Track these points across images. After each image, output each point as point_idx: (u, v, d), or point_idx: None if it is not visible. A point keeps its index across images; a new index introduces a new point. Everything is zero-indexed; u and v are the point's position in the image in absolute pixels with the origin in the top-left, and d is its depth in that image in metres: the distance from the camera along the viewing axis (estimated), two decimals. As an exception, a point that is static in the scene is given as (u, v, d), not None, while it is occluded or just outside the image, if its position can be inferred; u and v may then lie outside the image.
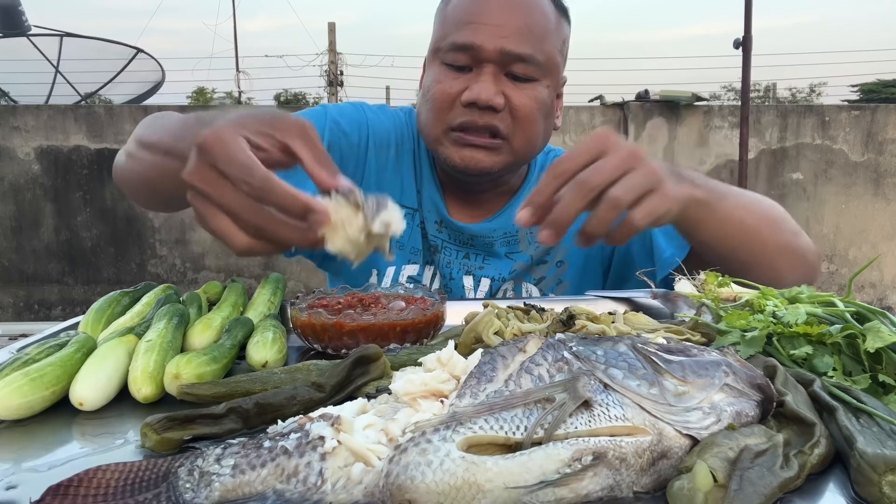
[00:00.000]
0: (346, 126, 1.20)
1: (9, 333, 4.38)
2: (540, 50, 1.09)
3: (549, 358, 0.50)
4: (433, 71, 1.13)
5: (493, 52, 1.06)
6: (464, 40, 1.07)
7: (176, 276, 5.42)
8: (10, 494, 0.46)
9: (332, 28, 11.15)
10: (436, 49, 1.13)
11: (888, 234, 5.42)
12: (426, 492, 0.40)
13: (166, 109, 5.80)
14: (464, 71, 1.09)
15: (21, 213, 5.32)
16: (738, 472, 0.42)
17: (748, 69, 4.76)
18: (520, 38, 1.07)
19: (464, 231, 1.21)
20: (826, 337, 0.62)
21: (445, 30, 1.12)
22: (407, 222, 1.20)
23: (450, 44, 1.09)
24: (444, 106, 1.09)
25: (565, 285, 1.26)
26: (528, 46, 1.07)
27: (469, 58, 1.08)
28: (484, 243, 1.22)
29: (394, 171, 1.23)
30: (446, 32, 1.11)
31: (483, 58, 1.07)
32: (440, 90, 1.10)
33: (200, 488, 0.42)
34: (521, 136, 1.11)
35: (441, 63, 1.11)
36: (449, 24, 1.11)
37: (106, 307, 0.84)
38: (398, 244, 1.22)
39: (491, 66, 1.07)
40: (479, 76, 1.07)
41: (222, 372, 0.68)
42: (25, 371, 0.61)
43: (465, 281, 1.23)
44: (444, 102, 1.09)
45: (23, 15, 8.82)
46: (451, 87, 1.09)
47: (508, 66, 1.08)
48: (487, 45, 1.06)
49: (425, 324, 0.78)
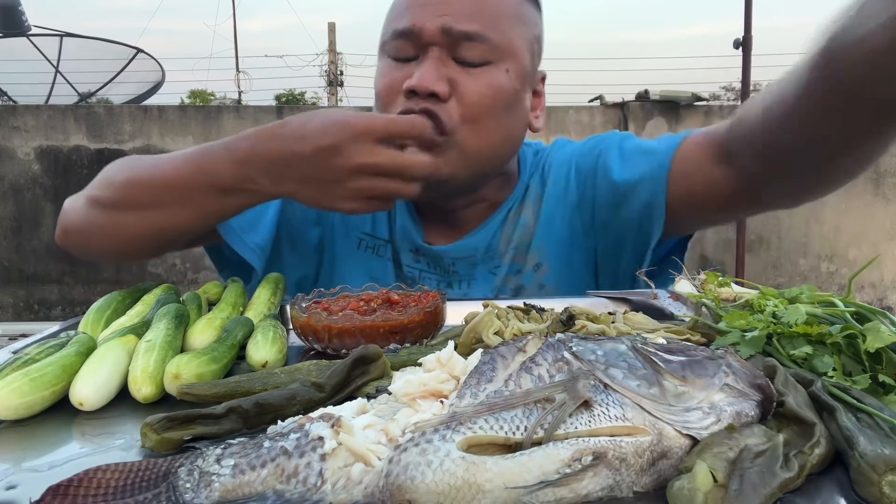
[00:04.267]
0: None
1: (9, 333, 4.38)
2: (493, 28, 0.97)
3: (549, 358, 0.50)
4: (379, 66, 1.04)
5: (434, 31, 0.95)
6: (403, 25, 0.97)
7: (176, 276, 5.43)
8: (10, 494, 0.46)
9: (332, 28, 11.16)
10: (381, 44, 1.04)
11: (888, 234, 5.42)
12: (426, 492, 0.40)
13: (166, 109, 5.77)
14: (409, 62, 0.98)
15: (21, 213, 5.33)
16: (738, 472, 0.42)
17: (748, 69, 4.76)
18: (466, 15, 0.96)
19: (443, 256, 1.11)
20: (826, 337, 0.62)
21: (387, 22, 1.03)
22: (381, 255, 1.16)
23: (391, 33, 1.00)
24: (387, 101, 0.99)
25: (549, 289, 1.12)
26: (475, 24, 0.95)
27: (412, 45, 0.97)
28: (466, 265, 1.11)
29: None
30: (388, 24, 1.02)
31: (425, 40, 0.96)
32: (383, 84, 1.00)
33: (200, 488, 0.42)
34: (472, 129, 0.97)
35: (386, 57, 1.02)
36: (391, 15, 1.03)
37: (106, 307, 0.84)
38: (372, 279, 1.03)
39: (435, 49, 0.96)
40: (422, 62, 0.96)
41: (222, 372, 0.68)
42: (25, 371, 0.61)
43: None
44: (388, 97, 0.99)
45: (23, 15, 8.82)
46: (393, 78, 0.98)
47: (455, 47, 0.96)
48: (428, 25, 0.95)
49: (425, 324, 0.78)
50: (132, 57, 9.03)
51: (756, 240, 5.42)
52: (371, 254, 1.15)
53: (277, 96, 17.47)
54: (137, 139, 5.46)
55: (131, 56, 9.04)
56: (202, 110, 5.97)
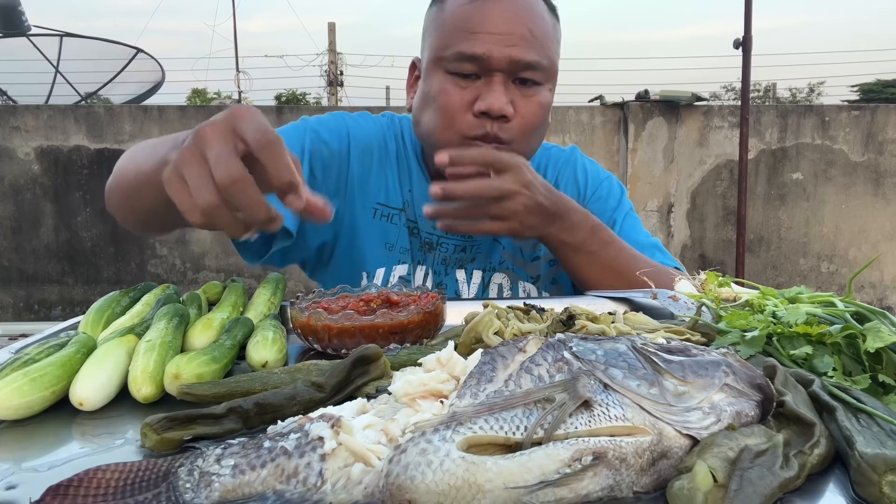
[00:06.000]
0: (326, 135, 1.21)
1: (9, 333, 4.38)
2: (544, 55, 1.11)
3: (549, 358, 0.50)
4: (437, 79, 1.13)
5: (503, 60, 1.08)
6: (472, 51, 1.08)
7: (176, 276, 5.43)
8: (10, 494, 0.46)
9: (332, 28, 11.17)
10: (438, 58, 1.13)
11: (888, 234, 5.42)
12: (426, 492, 0.40)
13: (166, 109, 5.76)
14: (470, 79, 1.10)
15: (21, 213, 5.32)
16: (738, 472, 0.42)
17: (748, 69, 4.76)
18: (526, 45, 1.09)
19: None
20: (826, 337, 0.62)
21: (447, 38, 1.12)
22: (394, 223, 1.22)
23: (456, 53, 1.09)
24: (455, 115, 1.10)
25: (560, 285, 1.28)
26: (534, 53, 1.09)
27: (476, 66, 1.09)
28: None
29: (378, 174, 1.24)
30: (448, 41, 1.11)
31: (492, 67, 1.08)
32: (448, 100, 1.11)
33: (200, 488, 0.42)
34: (524, 140, 1.13)
35: (446, 72, 1.12)
36: (450, 33, 1.12)
37: (106, 307, 0.84)
38: (387, 245, 1.23)
39: (500, 74, 1.09)
40: (490, 85, 1.09)
41: (222, 372, 0.68)
42: (25, 371, 0.61)
43: (457, 274, 1.25)
44: (454, 111, 1.10)
45: (23, 15, 8.83)
46: (461, 97, 1.10)
47: (516, 73, 1.10)
48: (496, 55, 1.07)
49: (425, 324, 0.78)
50: (132, 57, 9.04)
51: (756, 240, 5.42)
52: (386, 222, 1.25)
53: (277, 96, 17.48)
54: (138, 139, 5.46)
55: (131, 56, 9.05)
56: (202, 110, 5.97)
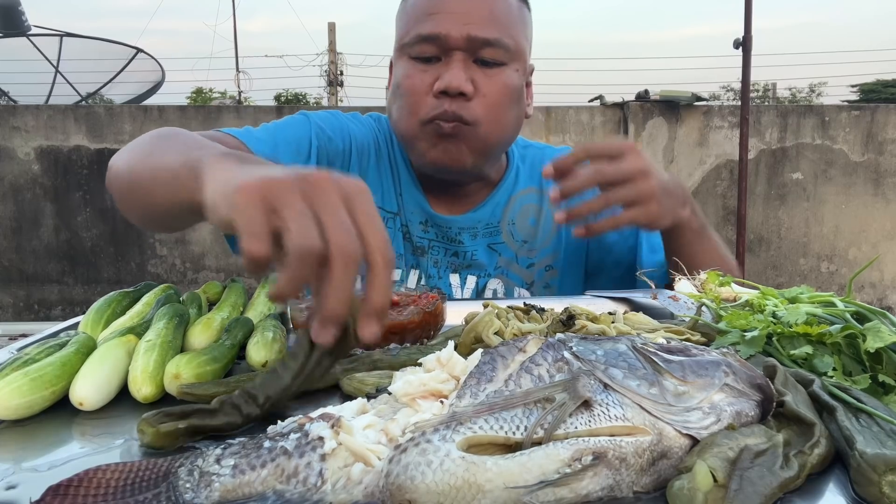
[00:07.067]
0: (330, 132, 1.20)
1: (9, 333, 4.38)
2: (506, 34, 1.10)
3: (549, 358, 0.50)
4: (401, 66, 1.13)
5: (460, 39, 1.07)
6: (429, 31, 1.08)
7: (176, 276, 5.42)
8: (10, 494, 0.46)
9: (332, 28, 11.17)
10: (401, 45, 1.13)
11: (888, 234, 5.41)
12: (426, 492, 0.40)
13: (166, 109, 5.75)
14: (431, 62, 1.10)
15: (21, 213, 5.32)
16: (738, 472, 0.42)
17: (748, 69, 4.75)
18: (485, 23, 1.08)
19: (451, 225, 1.23)
20: (826, 337, 0.62)
21: (409, 24, 1.12)
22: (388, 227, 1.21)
23: (415, 36, 1.09)
24: (416, 99, 1.10)
25: (553, 289, 1.28)
26: (494, 31, 1.08)
27: (436, 48, 1.08)
28: (470, 235, 1.24)
29: (375, 176, 1.23)
30: (410, 27, 1.12)
31: (450, 46, 1.07)
32: (410, 84, 1.10)
33: (200, 488, 0.42)
34: (491, 121, 1.11)
35: (408, 58, 1.11)
36: (412, 19, 1.12)
37: (106, 307, 0.84)
38: None
39: (459, 53, 1.08)
40: (449, 65, 1.08)
41: (222, 372, 0.68)
42: (25, 371, 0.61)
43: (451, 279, 1.24)
44: (416, 95, 1.10)
45: (23, 15, 8.83)
46: (422, 80, 1.09)
47: (476, 52, 1.08)
48: (453, 33, 1.07)
49: (425, 324, 0.78)
50: (132, 57, 9.03)
51: (756, 240, 5.42)
52: None
53: (277, 96, 17.48)
54: (137, 139, 5.44)
55: (131, 56, 9.04)
56: (202, 110, 5.96)
